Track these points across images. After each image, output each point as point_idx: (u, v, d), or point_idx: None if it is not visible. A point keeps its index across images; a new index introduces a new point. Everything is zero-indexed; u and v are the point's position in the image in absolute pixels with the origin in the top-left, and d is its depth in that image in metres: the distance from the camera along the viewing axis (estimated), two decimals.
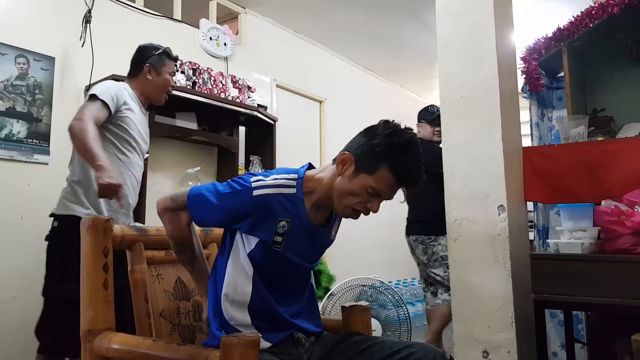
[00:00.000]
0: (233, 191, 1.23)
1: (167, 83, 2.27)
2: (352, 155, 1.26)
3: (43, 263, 2.47)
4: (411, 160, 1.23)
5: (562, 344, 2.60)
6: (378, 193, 1.25)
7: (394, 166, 1.22)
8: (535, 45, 2.65)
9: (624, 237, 1.75)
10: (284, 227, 1.25)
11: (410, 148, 1.24)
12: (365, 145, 1.25)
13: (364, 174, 1.23)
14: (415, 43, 4.67)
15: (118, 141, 2.11)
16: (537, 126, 2.74)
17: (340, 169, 1.26)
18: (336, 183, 1.26)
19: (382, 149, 1.22)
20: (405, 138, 1.24)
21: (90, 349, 1.24)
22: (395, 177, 1.23)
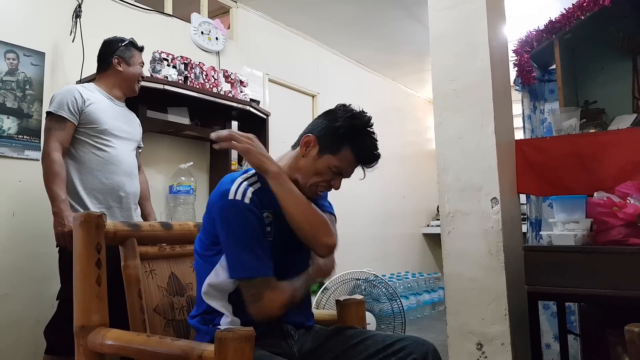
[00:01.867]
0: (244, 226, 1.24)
1: (138, 72, 2.30)
2: (315, 138, 1.33)
3: (35, 260, 2.47)
4: (370, 141, 1.34)
5: (555, 335, 2.62)
6: (340, 172, 1.34)
7: (355, 146, 1.32)
8: (527, 38, 2.65)
9: (616, 229, 1.76)
10: (269, 218, 1.30)
11: (368, 130, 1.35)
12: (327, 128, 1.33)
13: (328, 155, 1.31)
14: (407, 36, 4.66)
15: (91, 139, 2.14)
16: (529, 119, 2.75)
17: (304, 150, 1.34)
18: (300, 164, 1.34)
19: (344, 131, 1.31)
20: (364, 120, 1.35)
21: (84, 345, 1.23)
22: (357, 157, 1.33)
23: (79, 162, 2.13)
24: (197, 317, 1.34)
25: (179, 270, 1.55)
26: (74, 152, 2.14)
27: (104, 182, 2.13)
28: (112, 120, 2.20)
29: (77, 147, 2.14)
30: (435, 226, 5.97)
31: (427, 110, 6.47)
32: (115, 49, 2.27)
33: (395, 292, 3.26)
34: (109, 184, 2.14)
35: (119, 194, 2.17)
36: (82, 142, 2.14)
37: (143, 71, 2.37)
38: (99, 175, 2.13)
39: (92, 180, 2.12)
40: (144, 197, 2.44)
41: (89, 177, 2.12)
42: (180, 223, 1.61)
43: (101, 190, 2.13)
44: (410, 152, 6.07)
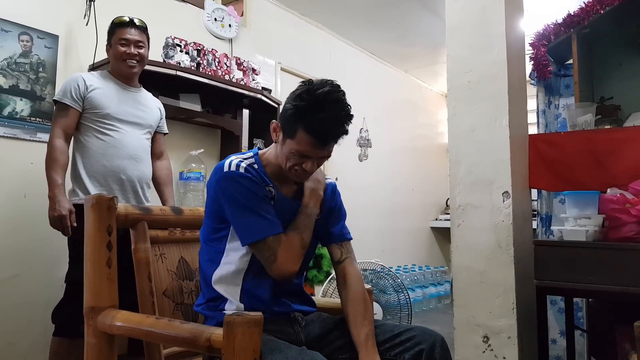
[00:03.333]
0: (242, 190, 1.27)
1: (117, 52, 2.26)
2: (278, 123, 1.31)
3: (46, 241, 2.49)
4: (324, 116, 1.22)
5: (562, 331, 2.61)
6: (303, 154, 1.26)
7: (307, 126, 1.22)
8: (545, 31, 2.62)
9: (628, 226, 1.74)
10: (271, 192, 1.31)
11: (323, 105, 1.22)
12: (285, 111, 1.28)
13: (288, 139, 1.26)
14: (421, 28, 4.62)
15: (94, 124, 2.18)
16: (543, 114, 2.73)
17: (275, 137, 1.32)
18: (277, 151, 1.32)
19: (293, 111, 1.24)
20: (317, 95, 1.22)
21: (93, 326, 1.24)
22: (312, 136, 1.23)
23: (83, 147, 2.17)
24: (203, 304, 1.36)
25: (189, 255, 1.56)
26: (80, 137, 2.19)
27: (105, 165, 2.17)
28: (117, 104, 2.22)
29: (82, 132, 2.19)
30: (444, 220, 5.95)
31: (439, 103, 6.43)
32: (108, 35, 2.30)
33: (402, 284, 3.26)
34: (110, 166, 2.17)
35: (120, 177, 2.19)
36: (86, 127, 2.18)
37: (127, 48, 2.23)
38: (101, 159, 2.16)
39: (94, 164, 2.16)
40: (163, 183, 2.47)
41: (91, 161, 2.16)
42: (191, 208, 1.62)
43: (102, 174, 2.17)
44: (421, 145, 6.04)
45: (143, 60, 2.31)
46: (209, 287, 1.34)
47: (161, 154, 2.49)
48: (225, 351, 0.99)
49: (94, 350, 1.24)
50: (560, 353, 2.62)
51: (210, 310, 1.34)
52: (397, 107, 5.62)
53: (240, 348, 0.98)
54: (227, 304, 1.31)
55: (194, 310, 1.43)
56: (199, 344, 1.04)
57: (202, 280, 1.38)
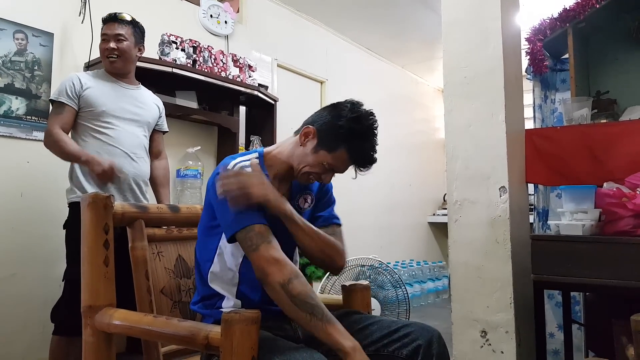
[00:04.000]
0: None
1: (99, 49, 2.27)
2: (315, 130, 1.32)
3: (43, 240, 2.49)
4: (368, 146, 1.32)
5: (559, 325, 2.62)
6: (333, 169, 1.34)
7: (351, 149, 1.30)
8: (541, 26, 2.62)
9: (625, 220, 1.75)
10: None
11: (369, 135, 1.33)
12: (329, 123, 1.32)
13: (323, 151, 1.31)
14: (417, 24, 4.62)
15: (90, 122, 2.17)
16: (539, 108, 2.73)
17: (303, 140, 1.34)
18: (297, 152, 1.34)
19: (344, 132, 1.29)
20: (367, 124, 1.32)
21: (91, 325, 1.24)
22: (352, 159, 1.32)
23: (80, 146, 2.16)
24: (199, 303, 1.36)
25: (186, 253, 1.56)
26: (77, 137, 2.18)
27: None
28: (113, 102, 2.21)
29: (79, 132, 2.18)
30: (441, 215, 5.96)
31: (436, 98, 6.43)
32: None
33: (400, 280, 3.27)
34: None
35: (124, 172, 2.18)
36: (83, 126, 2.18)
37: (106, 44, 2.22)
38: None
39: None
40: (159, 183, 2.44)
41: None
42: (188, 206, 1.62)
43: None
44: (418, 141, 6.05)
45: (124, 54, 2.23)
46: (205, 285, 1.34)
47: (159, 154, 2.47)
48: (223, 349, 0.99)
49: (92, 349, 1.25)
50: (557, 347, 2.64)
51: (207, 308, 1.34)
52: (394, 102, 5.62)
53: (238, 345, 0.98)
54: (224, 301, 1.31)
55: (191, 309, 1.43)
56: (197, 342, 1.05)
57: (198, 278, 1.38)
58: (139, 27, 2.32)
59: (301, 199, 1.44)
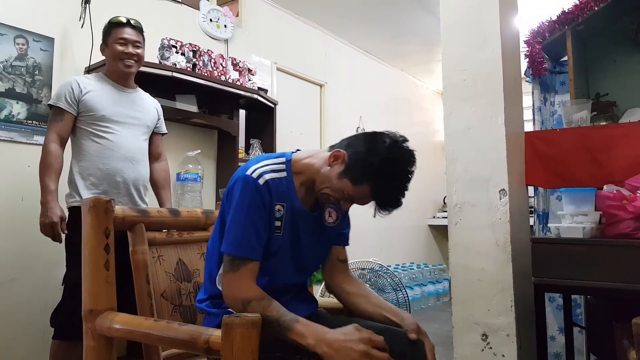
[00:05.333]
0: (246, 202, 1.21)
1: (114, 52, 2.25)
2: (346, 156, 1.26)
3: (43, 244, 2.48)
4: (395, 190, 1.24)
5: (560, 328, 2.62)
6: (353, 200, 1.28)
7: (375, 189, 1.23)
8: (539, 29, 2.63)
9: (625, 222, 1.75)
10: (280, 212, 1.27)
11: (400, 180, 1.24)
12: (361, 154, 1.24)
13: (347, 180, 1.24)
14: (416, 26, 4.63)
15: (90, 127, 2.17)
16: (539, 111, 2.73)
17: (331, 161, 1.28)
18: (323, 171, 1.29)
19: (372, 170, 1.22)
20: (400, 169, 1.24)
21: (92, 329, 1.24)
22: (375, 199, 1.25)
23: (79, 151, 2.17)
24: (206, 300, 1.35)
25: (187, 257, 1.56)
26: (76, 141, 2.19)
27: (100, 168, 2.15)
28: (112, 106, 2.21)
29: (78, 136, 2.19)
30: (441, 217, 5.96)
31: (435, 101, 6.44)
32: (104, 36, 2.29)
33: (401, 283, 3.26)
34: (105, 169, 2.16)
35: (116, 179, 2.18)
36: (82, 130, 2.18)
37: (125, 47, 2.24)
38: (97, 162, 2.15)
39: (89, 167, 2.15)
40: (160, 186, 2.46)
41: (87, 164, 2.15)
42: (188, 210, 1.61)
43: (97, 176, 2.15)
44: (417, 143, 5.95)
45: (140, 60, 2.30)
46: (213, 285, 1.32)
47: (159, 156, 2.48)
48: (224, 352, 0.99)
49: (93, 353, 1.24)
50: (559, 350, 2.63)
51: (214, 307, 1.32)
52: (393, 105, 5.63)
53: (239, 349, 0.98)
54: None
55: (195, 307, 1.43)
56: (198, 346, 1.05)
57: (207, 276, 1.36)
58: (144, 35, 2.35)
59: (327, 212, 1.40)
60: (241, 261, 1.20)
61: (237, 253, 1.20)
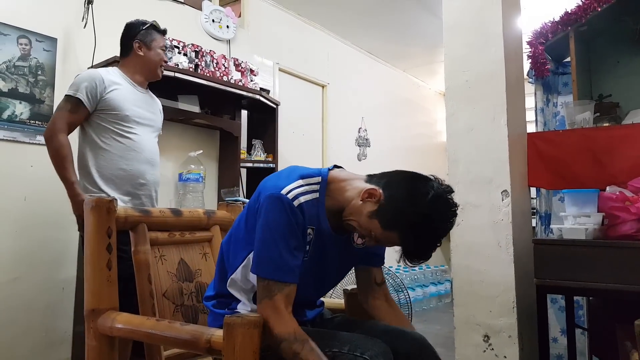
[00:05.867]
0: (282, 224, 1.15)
1: (160, 57, 2.25)
2: (382, 197, 1.17)
3: (46, 244, 2.49)
4: (426, 246, 1.18)
5: (562, 329, 2.61)
6: (379, 242, 1.22)
7: (404, 239, 1.17)
8: (542, 30, 2.62)
9: (628, 223, 1.75)
10: (310, 235, 1.21)
11: (432, 239, 1.17)
12: (399, 202, 1.15)
13: (377, 222, 1.17)
14: (419, 28, 4.63)
15: (112, 125, 2.09)
16: (542, 112, 2.73)
17: (365, 197, 1.19)
18: (354, 203, 1.21)
19: (406, 221, 1.14)
20: (436, 227, 1.15)
21: (94, 328, 1.24)
22: (402, 248, 1.18)
23: (99, 149, 2.07)
24: (213, 299, 1.33)
25: (188, 257, 1.56)
26: (95, 137, 2.08)
27: (124, 168, 2.08)
28: (134, 106, 2.15)
29: (98, 133, 2.08)
30: None
31: (437, 102, 6.43)
32: (136, 33, 2.22)
33: (402, 283, 3.26)
34: (129, 170, 2.10)
35: (139, 181, 2.13)
36: (103, 128, 2.08)
37: (165, 55, 2.30)
38: (120, 163, 2.08)
39: (110, 166, 2.07)
40: None
41: (108, 164, 2.07)
42: (190, 210, 1.62)
43: (120, 177, 2.08)
44: (419, 144, 6.05)
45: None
46: (223, 285, 1.30)
47: None
48: (225, 352, 0.99)
49: (94, 353, 1.25)
50: (561, 352, 2.63)
51: (221, 307, 1.30)
52: (396, 106, 5.63)
53: (240, 349, 0.98)
54: (239, 304, 1.28)
55: (197, 307, 1.43)
56: (200, 346, 1.05)
57: (218, 274, 1.32)
58: None
59: (355, 234, 1.29)
60: (277, 285, 1.13)
61: (273, 277, 1.14)
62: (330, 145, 4.54)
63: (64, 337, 2.52)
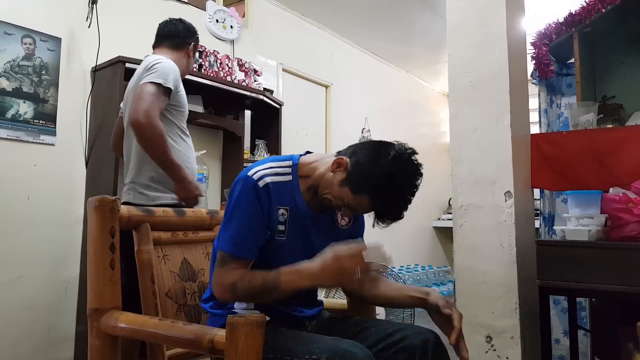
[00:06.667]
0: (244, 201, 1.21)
1: (193, 61, 2.28)
2: (348, 165, 1.24)
3: (49, 243, 2.50)
4: (398, 206, 1.22)
5: (565, 330, 2.61)
6: (353, 209, 1.26)
7: (374, 201, 1.22)
8: (546, 31, 2.62)
9: (631, 225, 1.74)
10: (283, 215, 1.26)
11: (401, 194, 1.21)
12: (364, 165, 1.21)
13: (347, 189, 1.23)
14: (423, 28, 4.62)
15: (179, 122, 2.06)
16: (545, 113, 2.73)
17: (334, 168, 1.26)
18: (326, 176, 1.27)
19: (372, 182, 1.19)
20: (402, 184, 1.20)
21: (97, 328, 1.25)
22: (373, 210, 1.23)
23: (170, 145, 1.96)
24: (210, 301, 1.34)
25: (191, 256, 1.57)
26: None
27: (188, 167, 2.03)
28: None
29: (168, 129, 1.98)
30: (447, 219, 5.95)
31: (441, 103, 6.43)
32: (193, 34, 2.24)
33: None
34: (191, 169, 2.07)
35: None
36: (172, 124, 2.02)
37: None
38: (184, 161, 2.02)
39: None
40: None
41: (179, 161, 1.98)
42: (193, 210, 1.62)
43: None
44: (423, 145, 6.02)
45: None
46: None
47: None
48: (228, 352, 0.99)
49: (97, 352, 1.25)
50: (563, 353, 2.62)
51: (218, 307, 1.32)
52: (399, 106, 5.62)
53: (243, 349, 0.98)
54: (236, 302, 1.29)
55: (200, 307, 1.42)
56: (202, 346, 1.05)
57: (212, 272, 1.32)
58: None
59: (339, 215, 1.37)
60: (232, 258, 1.20)
61: (233, 252, 1.20)
62: (334, 146, 4.53)
63: (66, 336, 2.53)
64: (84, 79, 2.71)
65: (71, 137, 2.63)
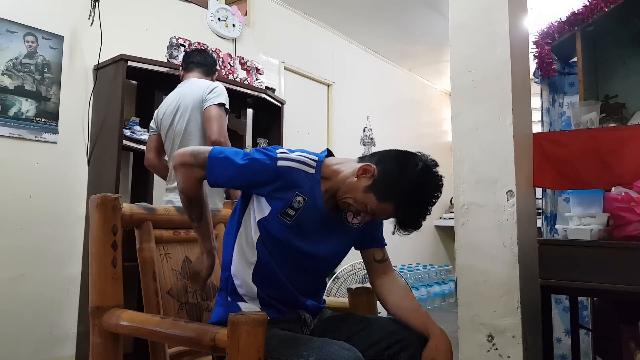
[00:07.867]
0: (258, 158, 1.25)
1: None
2: (375, 172, 1.26)
3: (51, 241, 2.51)
4: (417, 215, 1.26)
5: (566, 330, 2.60)
6: (374, 215, 1.29)
7: (398, 209, 1.25)
8: (549, 30, 2.61)
9: (633, 224, 1.74)
10: (299, 203, 1.27)
11: (424, 206, 1.26)
12: (392, 174, 1.25)
13: (372, 195, 1.25)
14: (425, 27, 4.62)
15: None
16: (547, 112, 2.72)
17: (360, 173, 1.27)
18: (348, 181, 1.28)
19: (400, 190, 1.23)
20: (427, 195, 1.25)
21: (99, 325, 1.25)
22: (396, 218, 1.27)
23: None
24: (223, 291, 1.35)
25: (193, 255, 1.57)
26: None
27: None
28: None
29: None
30: (448, 219, 5.94)
31: (443, 102, 6.42)
32: (216, 64, 2.47)
33: (407, 283, 3.26)
34: None
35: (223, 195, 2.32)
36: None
37: None
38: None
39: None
40: None
41: None
42: None
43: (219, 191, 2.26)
44: (425, 144, 6.02)
45: None
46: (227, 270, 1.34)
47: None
48: (229, 350, 1.00)
49: (99, 349, 1.25)
50: (565, 352, 2.62)
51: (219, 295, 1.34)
52: (401, 105, 5.62)
53: (244, 347, 0.99)
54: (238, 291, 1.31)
55: (201, 305, 1.43)
56: (204, 344, 1.05)
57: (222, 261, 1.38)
58: None
59: (349, 214, 1.36)
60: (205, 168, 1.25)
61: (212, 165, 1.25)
62: (336, 145, 4.53)
63: (68, 334, 2.54)
64: (86, 77, 2.71)
65: (73, 135, 2.64)
